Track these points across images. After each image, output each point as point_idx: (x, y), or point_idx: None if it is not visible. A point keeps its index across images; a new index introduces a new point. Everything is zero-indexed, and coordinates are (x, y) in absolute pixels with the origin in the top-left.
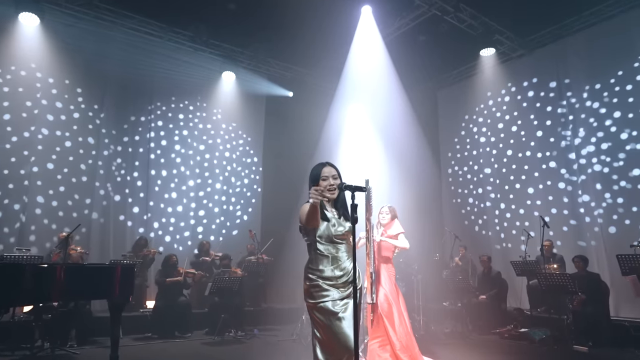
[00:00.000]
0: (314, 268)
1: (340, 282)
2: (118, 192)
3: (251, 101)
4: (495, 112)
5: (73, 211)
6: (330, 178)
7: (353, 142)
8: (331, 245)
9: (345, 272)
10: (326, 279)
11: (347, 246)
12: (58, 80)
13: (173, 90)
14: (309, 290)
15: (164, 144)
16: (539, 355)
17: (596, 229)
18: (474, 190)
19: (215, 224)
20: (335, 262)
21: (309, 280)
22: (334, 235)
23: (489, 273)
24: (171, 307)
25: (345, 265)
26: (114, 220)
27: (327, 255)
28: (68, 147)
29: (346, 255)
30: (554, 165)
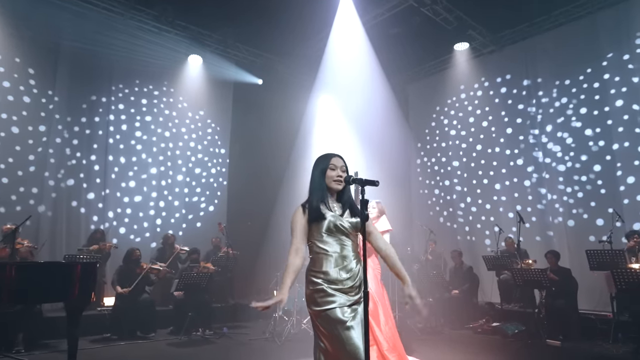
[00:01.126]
0: (317, 270)
1: (348, 286)
2: (72, 176)
3: (218, 87)
4: (467, 106)
5: (17, 205)
6: (338, 169)
7: (324, 134)
8: (336, 243)
9: (353, 275)
10: (332, 283)
11: (353, 245)
12: (6, 58)
13: (136, 72)
14: (312, 296)
15: (125, 129)
16: (514, 350)
17: (557, 220)
18: (440, 182)
19: (175, 216)
20: (340, 262)
21: (312, 284)
22: (338, 231)
23: (460, 268)
24: (133, 306)
25: (352, 267)
26: (66, 208)
27: (331, 254)
28: (15, 134)
29: (353, 255)
30: (521, 162)
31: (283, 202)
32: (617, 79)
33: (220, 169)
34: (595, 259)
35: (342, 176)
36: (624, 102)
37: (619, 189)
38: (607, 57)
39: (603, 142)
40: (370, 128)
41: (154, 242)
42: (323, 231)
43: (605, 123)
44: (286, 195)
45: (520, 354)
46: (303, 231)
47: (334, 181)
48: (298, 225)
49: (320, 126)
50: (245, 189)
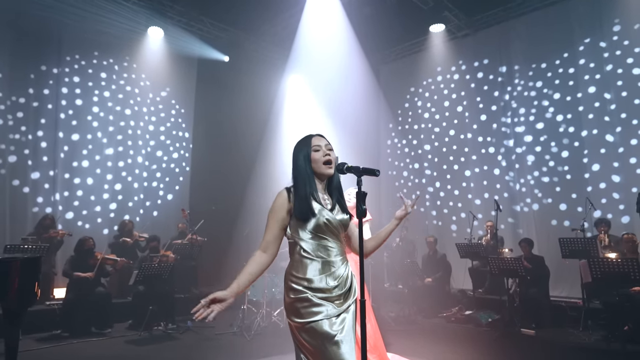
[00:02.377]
0: (299, 277)
1: (335, 295)
2: (15, 153)
3: (181, 63)
4: (442, 89)
5: None
6: (323, 148)
7: (295, 115)
8: (323, 245)
9: (341, 282)
10: (317, 291)
11: (341, 246)
12: None
13: (92, 42)
14: (293, 306)
15: (79, 104)
16: (490, 340)
17: (524, 209)
18: (410, 164)
19: (133, 201)
20: (327, 268)
21: (293, 291)
22: (328, 230)
23: (434, 255)
24: (85, 300)
25: (340, 273)
26: (9, 188)
27: (316, 259)
28: None
29: (340, 258)
30: (492, 150)
31: (252, 187)
32: (591, 65)
33: (184, 153)
34: (567, 247)
35: (331, 155)
36: (596, 89)
37: (584, 175)
38: (585, 42)
39: (573, 129)
40: (341, 108)
41: (106, 228)
42: (310, 229)
43: (576, 109)
44: (256, 180)
45: (496, 344)
46: (281, 224)
47: (324, 164)
48: (277, 215)
49: (291, 107)
50: (211, 173)
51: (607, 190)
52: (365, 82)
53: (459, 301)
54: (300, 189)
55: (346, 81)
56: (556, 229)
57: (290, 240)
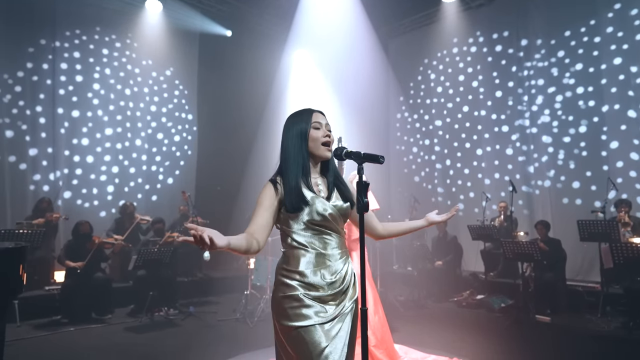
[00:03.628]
0: (290, 269)
1: (331, 293)
2: (13, 128)
3: (182, 39)
4: (458, 63)
5: None
6: (324, 127)
7: (300, 91)
8: (318, 236)
9: (339, 278)
10: (310, 287)
11: (340, 238)
12: None
13: (92, 17)
14: (281, 305)
15: (80, 80)
16: (503, 327)
17: (537, 192)
18: (420, 140)
19: (135, 182)
20: (322, 260)
21: (284, 287)
22: (324, 220)
23: (444, 237)
24: (85, 285)
25: (337, 268)
26: (8, 166)
27: (309, 250)
28: None
29: (339, 252)
30: (506, 129)
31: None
32: (620, 35)
33: (186, 135)
34: (586, 229)
35: (331, 137)
36: (622, 61)
37: (601, 153)
38: (614, 8)
39: (593, 103)
40: (348, 82)
41: (103, 211)
42: (303, 220)
43: (598, 82)
44: (259, 160)
45: (509, 331)
46: (271, 212)
47: (323, 145)
48: (266, 203)
49: (296, 82)
50: (215, 154)
51: (624, 169)
52: (373, 55)
53: (470, 285)
54: (290, 174)
55: (353, 55)
56: (571, 210)
57: (282, 234)
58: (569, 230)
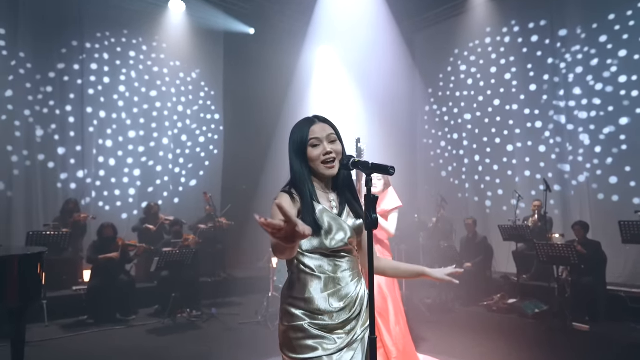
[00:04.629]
0: (296, 297)
1: (340, 321)
2: (43, 127)
3: (207, 38)
4: (490, 53)
5: None
6: (324, 141)
7: (324, 88)
8: (326, 258)
9: (350, 303)
10: (316, 315)
11: (352, 260)
12: None
13: (120, 19)
14: (287, 336)
15: (107, 82)
16: (537, 334)
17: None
18: (448, 134)
19: (156, 183)
20: (331, 285)
21: (289, 317)
22: (338, 246)
23: (474, 238)
24: (109, 287)
25: (348, 291)
26: (40, 168)
27: (317, 275)
28: None
29: (351, 274)
30: (539, 125)
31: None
32: None
33: (212, 136)
34: (629, 231)
35: (334, 153)
36: None
37: None
38: None
39: (637, 93)
40: (372, 76)
41: (125, 213)
42: (314, 245)
43: None
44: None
45: (543, 338)
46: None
47: (323, 164)
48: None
49: (319, 79)
50: (242, 154)
51: None
52: (397, 48)
53: (501, 288)
54: (303, 194)
55: (376, 49)
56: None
57: None
58: (610, 231)
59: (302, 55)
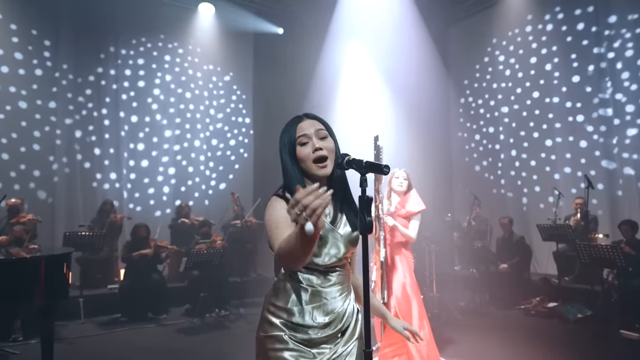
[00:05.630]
0: (278, 306)
1: (324, 335)
2: (81, 128)
3: (237, 41)
4: (530, 43)
5: (16, 183)
6: (313, 138)
7: (354, 85)
8: (315, 270)
9: (336, 317)
10: (297, 328)
11: (343, 273)
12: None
13: (156, 26)
14: (262, 345)
15: (142, 86)
16: (580, 341)
17: (616, 191)
18: (484, 127)
19: (188, 183)
20: (316, 299)
21: (266, 326)
22: (330, 263)
23: (510, 238)
24: (141, 286)
25: (334, 306)
26: (79, 169)
27: (304, 286)
28: (23, 109)
29: (339, 289)
30: (581, 119)
31: None
32: None
33: (242, 139)
34: None
35: (325, 150)
36: None
37: None
38: None
39: None
40: (403, 71)
41: (158, 210)
42: None
43: None
44: None
45: (587, 347)
46: None
47: (315, 163)
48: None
49: (349, 76)
50: (271, 156)
51: None
52: (429, 41)
53: (540, 291)
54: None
55: (407, 44)
56: None
57: (276, 257)
58: None
59: (331, 52)
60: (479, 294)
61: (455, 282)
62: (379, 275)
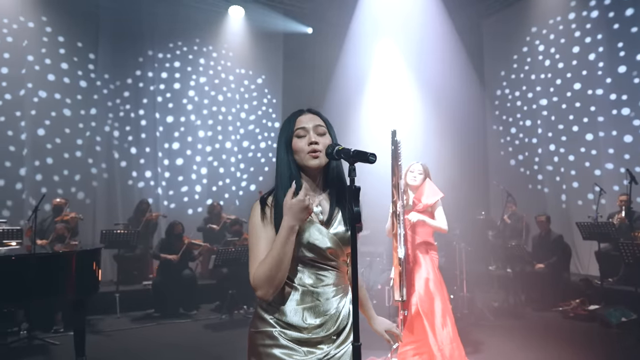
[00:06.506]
0: (271, 303)
1: (316, 337)
2: (119, 129)
3: (266, 41)
4: (573, 31)
5: (59, 187)
6: (311, 132)
7: (385, 82)
8: (308, 269)
9: (329, 319)
10: (287, 327)
11: (338, 274)
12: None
13: (189, 30)
14: (253, 340)
15: (177, 87)
16: (622, 347)
17: None
18: (520, 120)
19: (219, 184)
20: (309, 299)
21: (258, 321)
22: (313, 255)
23: (547, 236)
24: (173, 283)
25: (328, 307)
26: (117, 168)
27: (295, 286)
28: (67, 116)
29: (334, 290)
30: (627, 112)
31: None
32: None
33: (272, 143)
34: None
35: (319, 144)
36: None
37: None
38: None
39: None
40: (435, 66)
41: (190, 208)
42: None
43: None
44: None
45: (632, 353)
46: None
47: (309, 155)
48: (260, 224)
49: (380, 74)
50: None
51: None
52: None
53: (581, 292)
54: (281, 192)
55: (438, 37)
56: None
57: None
58: None
59: (359, 49)
60: (513, 295)
61: (490, 282)
62: (397, 273)
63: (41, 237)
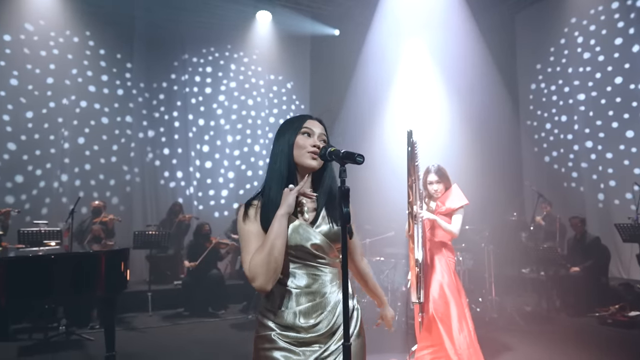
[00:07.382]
0: (267, 308)
1: (313, 336)
2: (153, 129)
3: (294, 45)
4: (616, 21)
5: (95, 191)
6: (316, 136)
7: (414, 81)
8: (303, 270)
9: (325, 318)
10: (285, 329)
11: (332, 272)
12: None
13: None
14: (256, 346)
15: (209, 92)
16: None
17: None
18: (556, 115)
19: (244, 189)
20: (304, 299)
21: (258, 326)
22: (304, 252)
23: (582, 239)
24: (202, 282)
25: (325, 305)
26: (152, 171)
27: (289, 289)
28: (105, 124)
29: (329, 288)
30: None
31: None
32: None
33: None
34: None
35: (321, 147)
36: None
37: None
38: None
39: None
40: (467, 63)
41: (217, 211)
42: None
43: None
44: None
45: None
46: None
47: (309, 154)
48: (248, 224)
49: (408, 73)
50: None
51: None
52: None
53: (620, 297)
54: (270, 187)
55: (469, 36)
56: None
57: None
58: None
59: (386, 50)
60: (546, 299)
61: (523, 285)
62: (414, 274)
63: (80, 238)
